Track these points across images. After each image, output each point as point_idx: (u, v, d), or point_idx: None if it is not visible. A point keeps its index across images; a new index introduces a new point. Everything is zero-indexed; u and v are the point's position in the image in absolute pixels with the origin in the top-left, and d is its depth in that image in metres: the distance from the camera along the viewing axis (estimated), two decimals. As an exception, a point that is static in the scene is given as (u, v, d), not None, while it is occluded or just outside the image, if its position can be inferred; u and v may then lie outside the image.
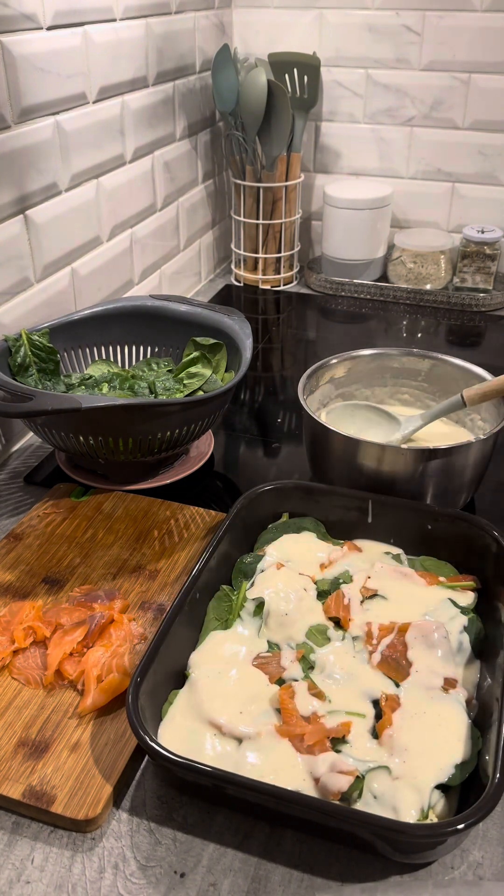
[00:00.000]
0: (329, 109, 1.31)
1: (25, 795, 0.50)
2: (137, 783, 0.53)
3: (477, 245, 1.24)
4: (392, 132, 1.30)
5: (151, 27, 1.03)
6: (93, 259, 0.98)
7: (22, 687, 0.58)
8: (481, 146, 1.26)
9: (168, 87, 1.11)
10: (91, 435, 0.72)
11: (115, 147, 0.99)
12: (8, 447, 0.89)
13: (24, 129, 0.81)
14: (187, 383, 0.85)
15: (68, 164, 0.90)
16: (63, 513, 0.76)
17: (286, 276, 1.36)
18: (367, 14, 1.22)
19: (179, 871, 0.48)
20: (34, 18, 0.80)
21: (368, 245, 1.30)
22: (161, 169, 1.13)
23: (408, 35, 1.21)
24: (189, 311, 0.90)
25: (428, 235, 1.31)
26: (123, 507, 0.77)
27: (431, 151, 1.29)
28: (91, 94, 0.92)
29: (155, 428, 0.73)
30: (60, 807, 0.49)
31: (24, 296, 0.86)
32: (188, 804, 0.51)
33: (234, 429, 0.94)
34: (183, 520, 0.75)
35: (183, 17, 1.11)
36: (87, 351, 0.90)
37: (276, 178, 1.25)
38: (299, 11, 1.25)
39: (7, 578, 0.68)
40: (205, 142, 1.27)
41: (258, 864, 0.48)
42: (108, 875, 0.47)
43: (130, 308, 0.91)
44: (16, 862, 0.48)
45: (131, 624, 0.62)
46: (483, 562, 0.63)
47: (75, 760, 0.52)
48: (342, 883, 0.47)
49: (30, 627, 0.61)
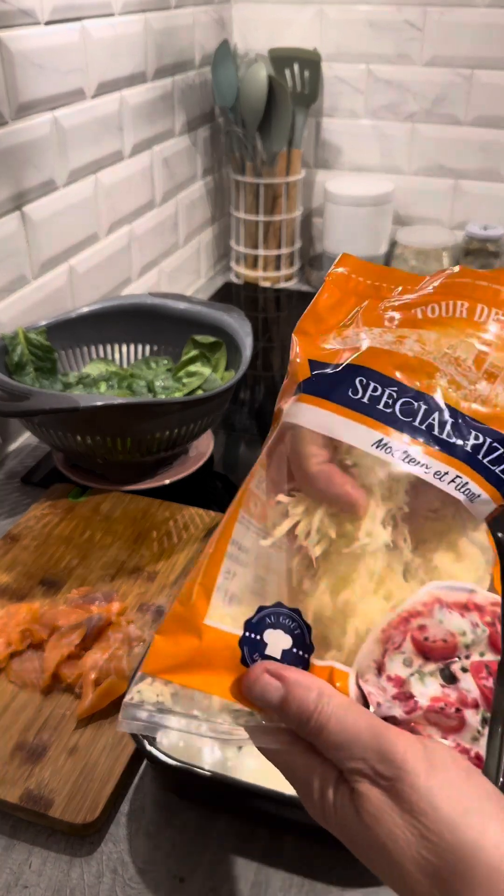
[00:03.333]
0: (330, 105, 1.30)
1: (23, 799, 0.49)
2: (136, 787, 0.52)
3: (480, 242, 1.24)
4: (394, 128, 1.29)
5: (150, 22, 1.02)
6: (90, 256, 0.98)
7: (19, 690, 0.57)
8: (484, 142, 1.25)
9: (167, 82, 1.10)
10: (89, 434, 0.71)
11: (113, 143, 0.98)
12: (4, 447, 0.89)
13: (21, 124, 0.80)
14: (186, 382, 0.85)
15: (66, 159, 0.89)
16: (60, 513, 0.75)
17: (286, 273, 1.35)
18: (368, 9, 1.21)
19: (179, 876, 0.47)
20: (32, 13, 0.79)
21: (370, 242, 1.29)
22: (160, 165, 1.12)
23: (409, 30, 1.20)
24: (188, 308, 0.89)
25: (430, 232, 1.30)
26: (122, 508, 0.76)
27: (433, 147, 1.28)
28: (89, 89, 0.91)
29: (154, 427, 0.72)
30: (58, 811, 0.49)
31: (20, 293, 0.85)
32: (187, 808, 0.51)
33: (234, 428, 0.93)
34: (182, 520, 0.74)
35: (182, 13, 1.10)
36: (84, 349, 0.89)
37: (276, 175, 1.24)
38: (300, 6, 1.24)
39: (4, 580, 0.67)
40: (204, 138, 1.26)
41: (258, 869, 0.48)
42: (107, 879, 0.47)
43: (129, 306, 0.90)
44: (13, 866, 0.48)
45: (129, 626, 0.61)
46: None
47: (73, 764, 0.52)
48: (343, 888, 0.47)
49: (27, 630, 0.60)
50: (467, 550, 0.32)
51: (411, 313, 0.34)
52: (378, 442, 0.31)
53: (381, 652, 0.30)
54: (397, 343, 0.33)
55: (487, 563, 0.32)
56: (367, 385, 0.32)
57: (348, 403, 0.31)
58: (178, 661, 0.30)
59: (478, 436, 0.31)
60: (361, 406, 0.31)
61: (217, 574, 0.31)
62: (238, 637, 0.30)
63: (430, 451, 0.31)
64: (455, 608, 0.30)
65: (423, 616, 0.30)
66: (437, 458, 0.31)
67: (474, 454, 0.31)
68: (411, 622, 0.30)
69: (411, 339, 0.33)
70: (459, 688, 0.29)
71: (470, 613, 0.30)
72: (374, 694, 0.29)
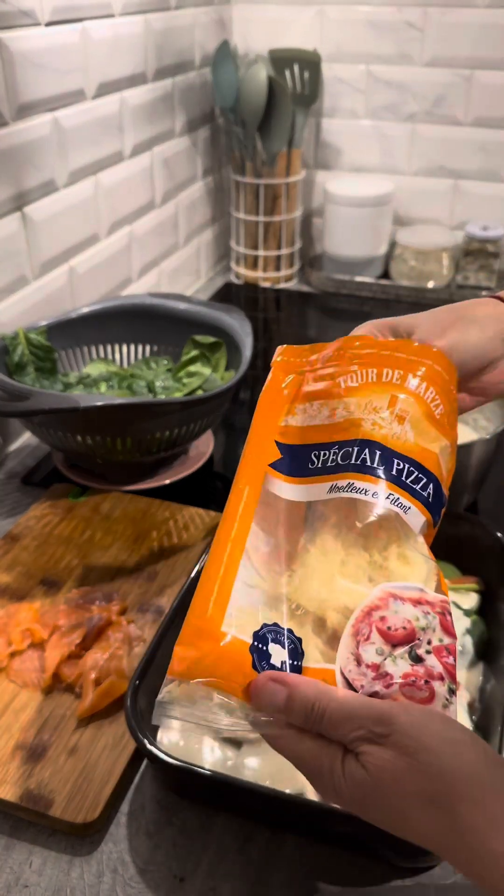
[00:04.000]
0: (330, 105, 1.30)
1: (23, 799, 0.49)
2: (136, 787, 0.52)
3: (480, 242, 1.24)
4: (394, 128, 1.29)
5: (150, 23, 1.02)
6: (91, 256, 0.98)
7: (19, 689, 0.57)
8: (484, 143, 1.25)
9: (167, 83, 1.10)
10: (89, 434, 0.71)
11: (113, 143, 0.98)
12: (5, 447, 0.89)
13: (21, 125, 0.80)
14: (186, 382, 0.85)
15: (66, 160, 0.89)
16: (61, 513, 0.75)
17: (286, 273, 1.35)
18: (368, 10, 1.21)
19: (179, 875, 0.47)
20: (32, 14, 0.79)
21: (370, 242, 1.29)
22: (160, 165, 1.12)
23: (409, 31, 1.20)
24: (188, 309, 0.89)
25: (430, 232, 1.30)
26: (122, 508, 0.76)
27: (433, 148, 1.28)
28: (89, 90, 0.91)
29: (154, 427, 0.72)
30: (59, 810, 0.49)
31: (21, 294, 0.85)
32: (187, 808, 0.51)
33: (234, 428, 0.93)
34: (182, 520, 0.74)
35: (182, 13, 1.10)
36: (84, 350, 0.89)
37: (276, 175, 1.24)
38: (300, 7, 1.24)
39: (4, 580, 0.67)
40: (204, 138, 1.26)
41: (258, 869, 0.48)
42: (107, 879, 0.47)
43: (129, 306, 0.90)
44: (14, 866, 0.48)
45: (130, 626, 0.61)
46: (486, 563, 0.62)
47: (73, 764, 0.52)
48: (343, 887, 0.47)
49: (27, 629, 0.60)
50: (414, 558, 0.39)
51: (336, 382, 0.44)
52: (331, 487, 0.40)
53: (354, 644, 0.35)
54: (331, 416, 0.43)
55: (430, 571, 0.38)
56: (318, 455, 0.42)
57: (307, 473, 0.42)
58: (200, 664, 0.35)
59: (399, 463, 0.40)
60: (318, 470, 0.42)
61: (231, 590, 0.37)
62: (249, 644, 0.36)
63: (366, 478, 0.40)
64: (408, 601, 0.36)
65: (381, 609, 0.36)
66: (372, 482, 0.40)
67: (398, 476, 0.40)
68: (373, 615, 0.36)
69: (340, 409, 0.43)
70: (426, 665, 0.35)
71: (421, 605, 0.36)
72: (357, 679, 0.35)
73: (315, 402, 0.44)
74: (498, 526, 0.62)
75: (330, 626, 0.37)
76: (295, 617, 0.37)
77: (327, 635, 0.37)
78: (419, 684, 0.34)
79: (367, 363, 0.44)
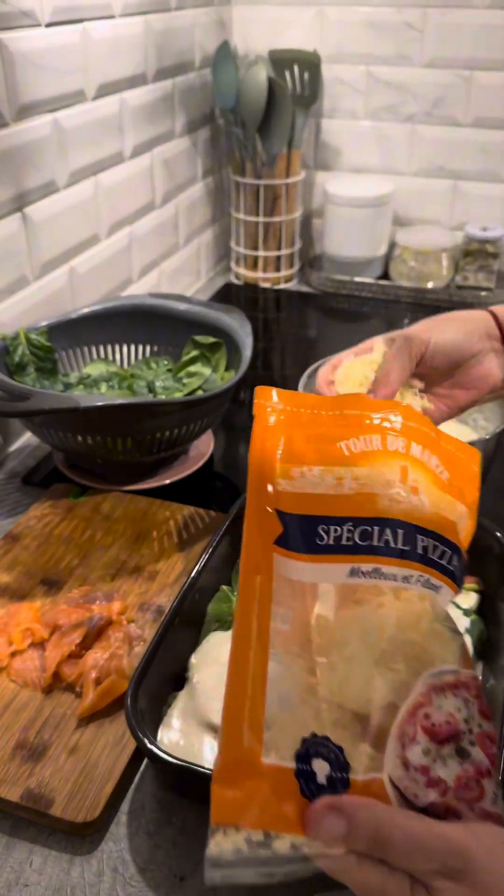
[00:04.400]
0: (330, 106, 1.31)
1: (23, 798, 0.49)
2: (136, 786, 0.52)
3: (479, 243, 1.24)
4: (393, 129, 1.29)
5: (150, 24, 1.02)
6: (91, 257, 0.98)
7: (20, 689, 0.57)
8: (483, 143, 1.25)
9: (167, 83, 1.10)
10: (89, 434, 0.72)
11: (113, 144, 0.98)
12: (5, 447, 0.89)
13: (21, 126, 0.80)
14: (186, 382, 0.85)
15: (66, 161, 0.89)
16: (61, 513, 0.75)
17: (286, 274, 1.35)
18: (368, 10, 1.21)
19: (179, 875, 0.47)
20: (32, 15, 0.79)
21: (369, 243, 1.29)
22: (160, 166, 1.12)
23: (409, 32, 1.20)
24: (188, 309, 0.89)
25: (429, 233, 1.30)
26: (122, 508, 0.76)
27: (433, 149, 1.28)
28: (90, 91, 0.91)
29: (154, 427, 0.72)
30: (59, 810, 0.49)
31: (21, 294, 0.86)
32: (188, 807, 0.51)
33: (234, 428, 0.93)
34: (182, 520, 0.74)
35: (182, 14, 1.11)
36: (85, 350, 0.89)
37: (276, 176, 1.25)
38: (300, 8, 1.24)
39: (4, 580, 0.67)
40: (204, 139, 1.26)
41: (258, 869, 0.48)
42: (107, 878, 0.47)
43: (129, 306, 0.91)
44: (14, 865, 0.48)
45: (130, 625, 0.61)
46: (485, 563, 0.62)
47: (74, 763, 0.52)
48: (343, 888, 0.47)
49: (28, 629, 0.60)
50: (445, 635, 0.38)
51: (337, 447, 0.43)
52: (352, 570, 0.39)
53: (400, 748, 0.34)
54: (337, 485, 0.41)
55: (460, 647, 0.38)
56: (328, 530, 0.40)
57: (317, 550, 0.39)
58: (250, 808, 0.33)
59: (423, 539, 0.39)
60: (330, 548, 0.39)
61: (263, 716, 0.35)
62: (293, 769, 0.34)
63: (392, 561, 0.38)
64: (448, 690, 0.35)
65: (426, 706, 0.35)
66: (399, 565, 0.38)
67: (424, 555, 0.39)
68: (417, 714, 0.35)
69: (348, 479, 0.41)
70: (473, 761, 0.34)
71: (459, 691, 0.36)
72: (409, 787, 0.34)
73: (315, 468, 0.42)
74: (498, 526, 0.63)
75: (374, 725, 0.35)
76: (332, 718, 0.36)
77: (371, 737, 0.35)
78: (471, 785, 0.34)
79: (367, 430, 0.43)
